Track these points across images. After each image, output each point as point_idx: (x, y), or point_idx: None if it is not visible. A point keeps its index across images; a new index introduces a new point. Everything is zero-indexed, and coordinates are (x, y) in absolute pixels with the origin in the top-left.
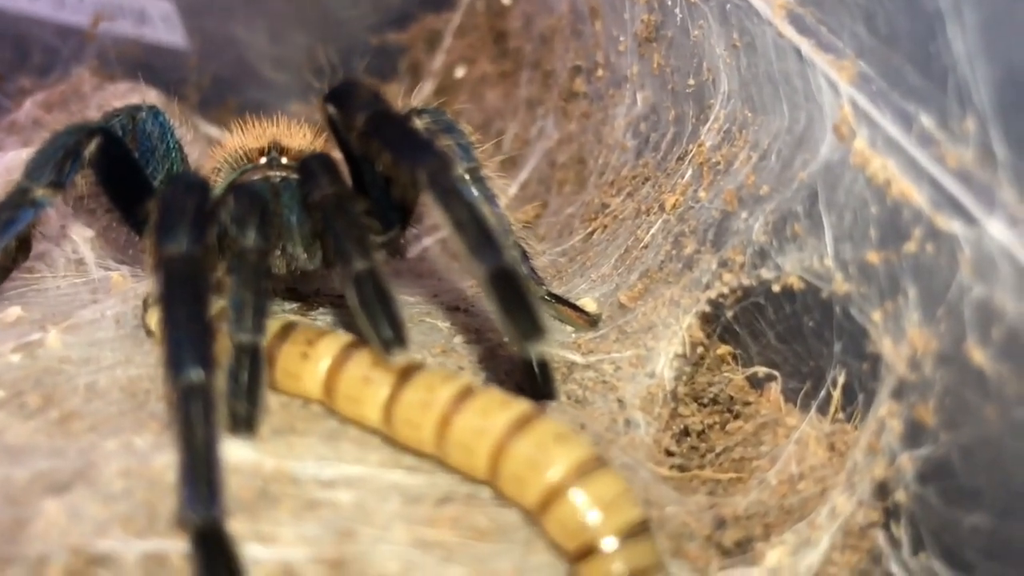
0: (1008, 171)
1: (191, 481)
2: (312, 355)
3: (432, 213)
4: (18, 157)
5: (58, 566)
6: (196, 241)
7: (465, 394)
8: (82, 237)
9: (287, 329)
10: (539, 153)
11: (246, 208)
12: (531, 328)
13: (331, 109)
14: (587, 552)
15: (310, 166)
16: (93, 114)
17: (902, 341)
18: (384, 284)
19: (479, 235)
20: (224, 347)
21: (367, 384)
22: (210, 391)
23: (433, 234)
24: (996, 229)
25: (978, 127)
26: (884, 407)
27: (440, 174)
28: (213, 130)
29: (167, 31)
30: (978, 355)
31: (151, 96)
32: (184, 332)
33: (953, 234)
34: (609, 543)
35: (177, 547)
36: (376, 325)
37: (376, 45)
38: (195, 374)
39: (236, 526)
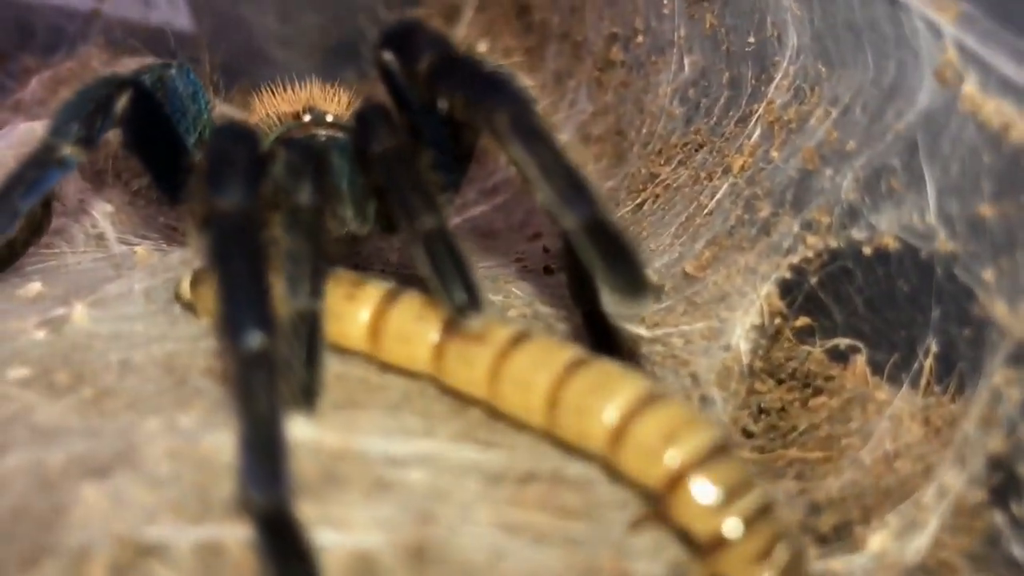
0: None
1: (253, 458)
2: (358, 295)
3: (510, 161)
4: (30, 130)
5: (103, 557)
6: (251, 193)
7: (524, 335)
8: (101, 211)
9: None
10: (571, 127)
11: (300, 162)
12: (634, 283)
13: (387, 55)
14: (675, 480)
15: (368, 117)
16: None
17: (1022, 301)
18: (455, 243)
19: (570, 182)
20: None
21: (420, 321)
22: (273, 357)
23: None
24: None
25: None
26: (999, 375)
27: (524, 116)
28: (227, 110)
29: (172, 12)
30: None
31: None
32: (243, 292)
33: None
34: (695, 464)
35: (236, 534)
36: (449, 288)
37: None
38: (256, 339)
39: (303, 510)
